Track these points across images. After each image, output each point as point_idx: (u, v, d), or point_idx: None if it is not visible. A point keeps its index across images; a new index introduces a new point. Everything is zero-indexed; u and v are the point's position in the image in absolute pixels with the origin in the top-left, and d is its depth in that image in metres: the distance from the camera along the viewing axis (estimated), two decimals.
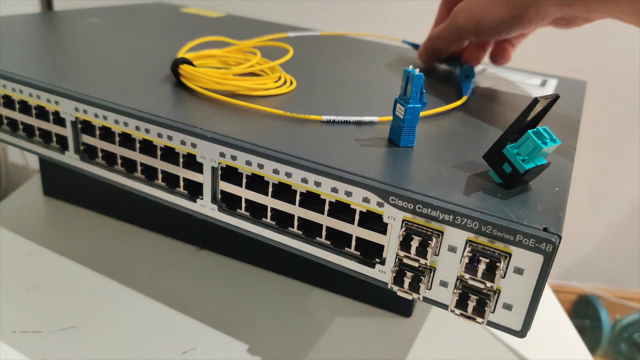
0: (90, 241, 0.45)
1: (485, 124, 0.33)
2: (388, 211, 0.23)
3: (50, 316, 0.36)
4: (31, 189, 0.52)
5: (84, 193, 0.48)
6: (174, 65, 0.34)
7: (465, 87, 0.39)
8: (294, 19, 0.75)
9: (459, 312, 0.23)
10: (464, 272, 0.22)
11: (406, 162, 0.26)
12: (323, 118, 0.30)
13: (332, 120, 0.31)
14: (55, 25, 0.51)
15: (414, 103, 0.27)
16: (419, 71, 0.27)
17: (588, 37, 0.83)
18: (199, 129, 0.28)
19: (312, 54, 0.48)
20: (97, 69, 0.36)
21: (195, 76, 0.33)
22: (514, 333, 0.23)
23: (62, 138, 0.33)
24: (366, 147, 0.27)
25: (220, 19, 0.60)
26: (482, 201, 0.23)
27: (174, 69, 0.34)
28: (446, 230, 0.22)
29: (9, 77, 0.33)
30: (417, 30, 0.57)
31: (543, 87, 0.45)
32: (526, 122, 0.24)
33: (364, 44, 0.55)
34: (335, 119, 0.31)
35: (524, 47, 0.46)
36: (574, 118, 0.37)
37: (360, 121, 0.31)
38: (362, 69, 0.45)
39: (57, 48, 0.43)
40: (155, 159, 0.30)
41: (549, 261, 0.21)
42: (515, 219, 0.21)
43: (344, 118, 0.31)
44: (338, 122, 0.30)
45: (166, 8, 0.65)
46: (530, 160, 0.24)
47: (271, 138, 0.27)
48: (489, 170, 0.25)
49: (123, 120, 0.30)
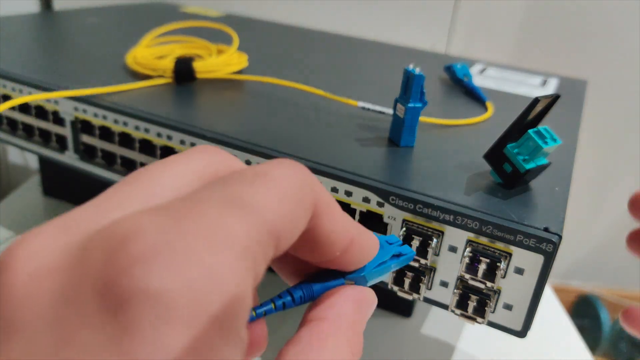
0: None
1: (487, 125, 0.33)
2: (388, 211, 0.23)
3: None
4: (31, 188, 0.52)
5: (83, 193, 0.48)
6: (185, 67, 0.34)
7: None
8: (294, 19, 0.75)
9: (460, 312, 0.23)
10: (464, 272, 0.22)
11: (406, 161, 0.26)
12: (358, 104, 0.32)
13: (367, 108, 0.31)
14: (54, 25, 0.51)
15: (415, 102, 0.27)
16: (419, 70, 0.26)
17: (588, 37, 0.83)
18: (199, 128, 0.27)
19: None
20: (97, 69, 0.36)
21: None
22: (514, 333, 0.23)
23: (61, 138, 0.33)
24: (366, 146, 0.27)
25: (220, 19, 0.60)
26: (482, 201, 0.23)
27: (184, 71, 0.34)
28: (447, 230, 0.22)
29: (9, 77, 0.33)
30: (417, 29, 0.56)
31: (543, 86, 0.45)
32: (527, 121, 0.24)
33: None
34: (371, 108, 0.31)
35: (524, 46, 0.46)
36: (574, 118, 0.37)
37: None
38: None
39: (56, 48, 0.43)
40: (155, 159, 0.30)
41: (550, 261, 0.21)
42: (516, 219, 0.21)
43: (380, 108, 0.31)
44: (373, 110, 0.31)
45: (166, 8, 0.65)
46: (531, 160, 0.24)
47: (271, 137, 0.27)
48: (489, 170, 0.25)
49: (122, 120, 0.30)
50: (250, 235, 0.11)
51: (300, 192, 0.13)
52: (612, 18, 0.84)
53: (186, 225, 0.11)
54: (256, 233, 0.11)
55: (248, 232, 0.11)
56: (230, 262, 0.10)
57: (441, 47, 0.73)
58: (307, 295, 0.15)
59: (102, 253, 0.10)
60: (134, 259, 0.10)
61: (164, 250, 0.10)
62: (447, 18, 0.72)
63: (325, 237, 0.14)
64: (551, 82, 0.47)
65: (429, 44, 0.73)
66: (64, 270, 0.10)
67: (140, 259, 0.10)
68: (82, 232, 0.11)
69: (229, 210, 0.11)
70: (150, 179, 0.13)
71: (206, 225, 0.11)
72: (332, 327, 0.14)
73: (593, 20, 0.84)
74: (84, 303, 0.10)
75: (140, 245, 0.10)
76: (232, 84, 0.36)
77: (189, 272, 0.10)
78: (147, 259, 0.10)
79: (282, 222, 0.12)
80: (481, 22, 0.83)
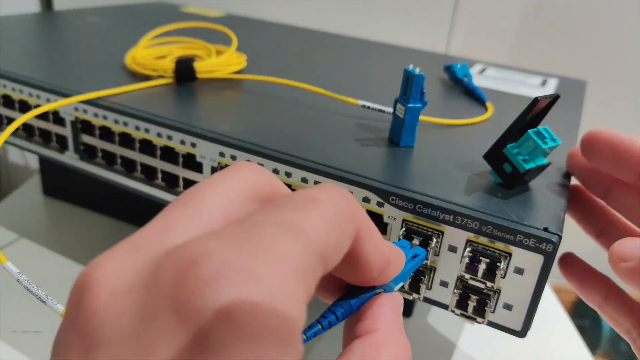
0: (90, 241, 0.45)
1: (487, 125, 0.33)
2: (388, 211, 0.23)
3: (50, 316, 0.36)
4: (31, 188, 0.52)
5: (83, 193, 0.48)
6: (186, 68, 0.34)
7: None
8: (294, 19, 0.75)
9: (460, 312, 0.23)
10: (464, 272, 0.22)
11: (406, 161, 0.26)
12: (359, 103, 0.31)
13: (367, 106, 0.31)
14: (54, 25, 0.51)
15: (415, 102, 0.27)
16: (419, 70, 0.27)
17: (588, 37, 0.83)
18: (199, 128, 0.28)
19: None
20: (97, 69, 0.36)
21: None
22: (514, 333, 0.23)
23: (61, 138, 0.33)
24: (366, 146, 0.27)
25: (220, 19, 0.60)
26: (482, 201, 0.23)
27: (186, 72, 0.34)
28: (446, 230, 0.22)
29: (9, 77, 0.33)
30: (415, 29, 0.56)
31: (543, 86, 0.45)
32: (526, 121, 0.24)
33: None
34: (371, 106, 0.31)
35: (524, 46, 0.46)
36: (573, 118, 0.37)
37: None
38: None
39: (57, 48, 0.43)
40: (155, 159, 0.30)
41: (550, 261, 0.21)
42: (516, 219, 0.21)
43: (380, 107, 0.31)
44: (373, 108, 0.31)
45: (166, 8, 0.65)
46: (531, 160, 0.24)
47: (271, 137, 0.27)
48: (489, 170, 0.25)
49: (123, 120, 0.30)
50: (304, 258, 0.12)
51: (346, 218, 0.14)
52: (612, 18, 0.84)
53: (247, 249, 0.12)
54: (309, 255, 0.13)
55: (302, 255, 0.12)
56: (288, 283, 0.12)
57: (441, 47, 0.73)
58: (347, 311, 0.17)
59: (175, 275, 0.11)
60: (204, 281, 0.11)
61: (229, 273, 0.11)
62: (447, 18, 0.72)
63: (365, 259, 0.16)
64: (551, 82, 0.47)
65: (429, 44, 0.73)
66: (140, 290, 0.12)
67: (209, 281, 0.11)
68: (149, 253, 0.12)
69: (285, 234, 0.12)
70: (202, 199, 0.14)
71: (265, 248, 0.12)
72: (384, 336, 0.16)
73: (593, 20, 0.84)
74: (160, 320, 0.11)
75: (208, 268, 0.11)
76: (232, 84, 0.36)
77: (253, 293, 0.11)
78: (216, 281, 0.11)
79: (330, 245, 0.13)
80: (481, 22, 0.83)
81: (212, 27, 0.42)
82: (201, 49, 0.39)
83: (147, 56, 0.36)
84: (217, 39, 0.41)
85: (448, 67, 0.43)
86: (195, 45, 0.40)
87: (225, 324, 0.11)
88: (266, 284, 0.11)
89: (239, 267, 0.11)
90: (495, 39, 0.85)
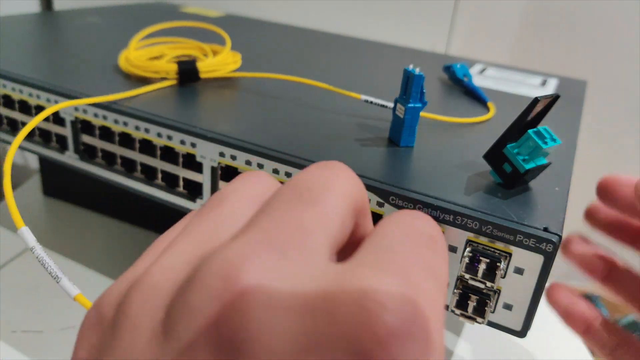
0: (90, 241, 0.45)
1: (487, 125, 0.33)
2: (388, 211, 0.23)
3: (50, 316, 0.36)
4: (31, 188, 0.52)
5: (83, 193, 0.48)
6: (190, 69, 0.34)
7: None
8: (294, 19, 0.75)
9: (459, 312, 0.23)
10: (464, 272, 0.22)
11: (406, 161, 0.26)
12: (361, 97, 0.32)
13: (370, 101, 0.32)
14: (54, 25, 0.51)
15: (415, 102, 0.27)
16: (419, 70, 0.27)
17: (588, 37, 0.83)
18: (199, 128, 0.28)
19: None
20: (96, 69, 0.36)
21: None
22: (514, 333, 0.23)
23: (61, 138, 0.33)
24: (366, 146, 0.27)
25: (220, 19, 0.60)
26: (482, 201, 0.23)
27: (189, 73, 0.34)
28: (446, 230, 0.22)
29: (9, 77, 0.33)
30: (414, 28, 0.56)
31: (543, 86, 0.45)
32: (526, 121, 0.24)
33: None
34: (374, 101, 0.31)
35: (524, 46, 0.46)
36: (573, 118, 0.37)
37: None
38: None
39: (57, 48, 0.43)
40: (155, 159, 0.30)
41: (550, 261, 0.21)
42: (516, 219, 0.21)
43: (382, 102, 0.31)
44: (376, 104, 0.31)
45: (166, 8, 0.65)
46: (531, 160, 0.24)
47: (270, 137, 0.27)
48: (489, 170, 0.25)
49: (122, 120, 0.30)
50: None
51: (353, 195, 0.15)
52: (612, 18, 0.84)
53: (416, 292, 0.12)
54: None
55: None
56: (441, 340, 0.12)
57: (441, 47, 0.73)
58: None
59: (354, 317, 0.10)
60: (391, 333, 0.10)
61: (418, 334, 0.11)
62: (447, 18, 0.72)
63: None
64: (551, 82, 0.47)
65: (429, 44, 0.73)
66: (305, 315, 0.11)
67: (399, 334, 0.10)
68: (301, 269, 0.12)
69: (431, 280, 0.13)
70: (230, 208, 0.15)
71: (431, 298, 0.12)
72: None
73: (593, 20, 0.84)
74: (330, 357, 0.10)
75: (395, 320, 0.10)
76: (231, 83, 0.36)
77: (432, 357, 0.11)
78: (405, 338, 0.10)
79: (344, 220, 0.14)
80: (481, 22, 0.83)
81: (202, 26, 0.42)
82: (194, 49, 0.39)
83: (141, 57, 0.36)
84: (208, 38, 0.41)
85: (448, 67, 0.43)
86: (188, 45, 0.40)
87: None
88: (439, 345, 0.11)
89: (424, 326, 0.11)
90: (495, 39, 0.85)
